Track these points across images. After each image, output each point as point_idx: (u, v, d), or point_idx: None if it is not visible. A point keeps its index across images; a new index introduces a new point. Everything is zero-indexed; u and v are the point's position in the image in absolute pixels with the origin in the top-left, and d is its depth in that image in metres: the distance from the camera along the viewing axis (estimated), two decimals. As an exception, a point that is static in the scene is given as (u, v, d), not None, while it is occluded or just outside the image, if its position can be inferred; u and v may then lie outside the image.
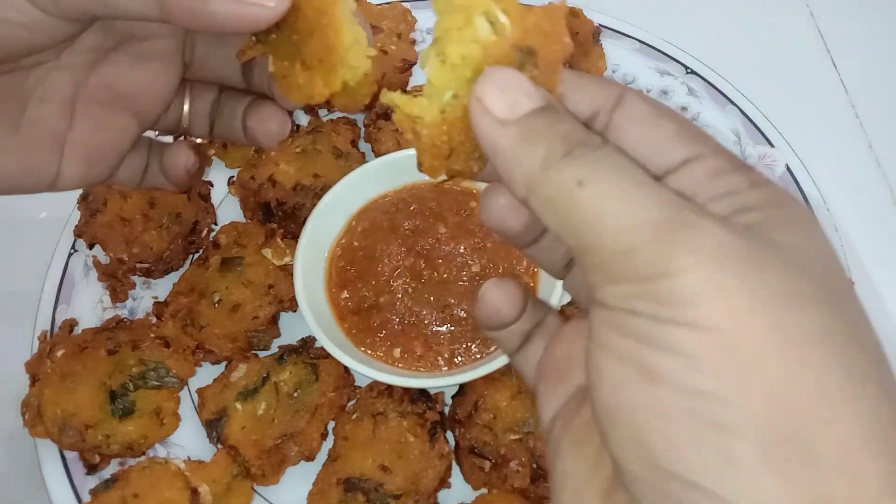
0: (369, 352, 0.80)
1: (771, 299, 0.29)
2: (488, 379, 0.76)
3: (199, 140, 0.60)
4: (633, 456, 0.30)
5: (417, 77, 1.02)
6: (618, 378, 0.31)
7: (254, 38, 0.45)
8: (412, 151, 0.90)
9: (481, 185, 0.89)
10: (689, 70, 1.01)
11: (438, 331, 0.80)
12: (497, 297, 0.42)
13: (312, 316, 0.78)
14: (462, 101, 0.35)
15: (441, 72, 0.36)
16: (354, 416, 0.77)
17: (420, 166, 0.38)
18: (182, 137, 0.61)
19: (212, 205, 0.95)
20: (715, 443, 0.28)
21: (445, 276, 0.83)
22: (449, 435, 0.78)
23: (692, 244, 0.29)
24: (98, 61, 0.53)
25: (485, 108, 0.34)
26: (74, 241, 0.90)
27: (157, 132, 0.61)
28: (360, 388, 0.82)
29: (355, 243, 0.86)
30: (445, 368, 0.79)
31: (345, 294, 0.83)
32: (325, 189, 0.87)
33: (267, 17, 0.42)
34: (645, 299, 0.29)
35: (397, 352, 0.79)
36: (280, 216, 0.90)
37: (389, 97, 0.37)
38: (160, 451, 0.80)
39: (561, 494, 0.36)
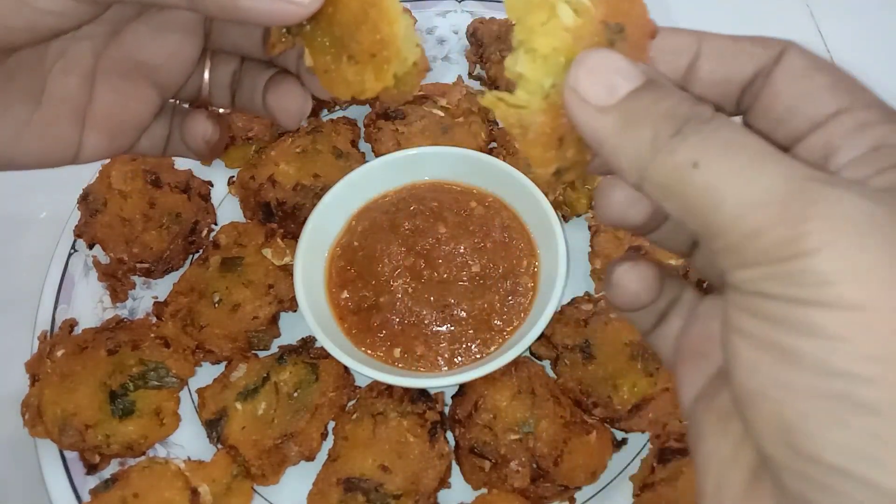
0: (369, 352, 0.80)
1: None
2: (488, 379, 0.76)
3: (220, 110, 0.59)
4: (776, 441, 0.29)
5: (417, 77, 1.02)
6: (755, 362, 0.30)
7: (284, 30, 0.44)
8: (412, 151, 0.91)
9: (482, 186, 0.89)
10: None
11: (438, 331, 0.80)
12: (634, 282, 0.40)
13: (312, 316, 0.78)
14: (563, 88, 0.34)
15: (535, 66, 0.34)
16: (354, 416, 0.77)
17: (530, 162, 0.36)
18: (203, 107, 0.59)
19: (212, 205, 0.95)
20: (863, 426, 0.27)
21: (445, 276, 0.83)
22: (449, 435, 0.78)
23: (823, 219, 0.27)
24: (118, 31, 0.52)
25: (581, 98, 0.33)
26: (74, 241, 0.90)
27: (178, 101, 0.60)
28: (360, 388, 0.82)
29: (355, 243, 0.86)
30: (445, 368, 0.79)
31: (345, 294, 0.83)
32: (325, 189, 0.87)
33: (300, 14, 0.41)
34: (778, 281, 0.28)
35: (397, 352, 0.79)
36: (280, 216, 0.90)
37: (489, 98, 0.35)
38: (160, 451, 0.80)
39: (705, 478, 0.34)
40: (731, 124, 0.31)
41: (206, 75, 0.58)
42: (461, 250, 0.84)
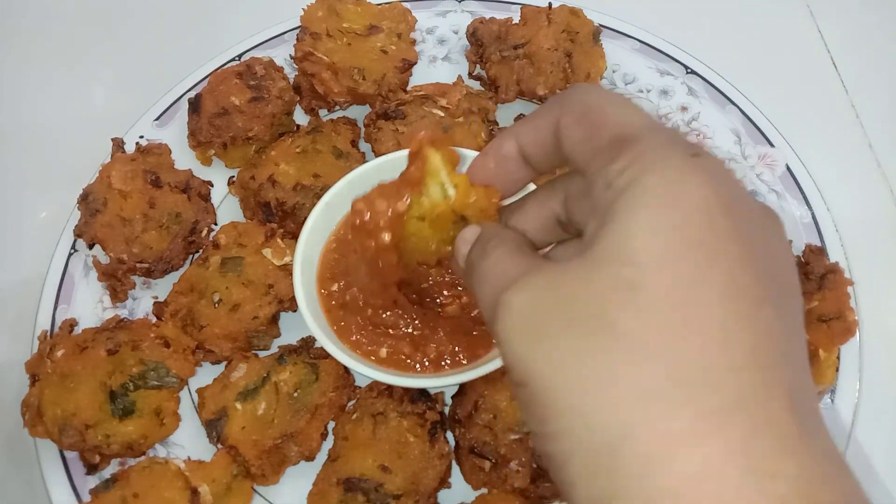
0: (358, 351, 0.79)
1: (549, 342, 0.35)
2: (488, 379, 0.76)
3: None
4: None
5: (417, 77, 1.02)
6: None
7: None
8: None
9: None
10: (689, 70, 1.01)
11: (425, 332, 0.80)
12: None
13: (312, 316, 0.78)
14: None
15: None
16: (354, 416, 0.77)
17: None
18: None
19: (212, 205, 0.95)
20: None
21: (439, 278, 0.82)
22: (449, 435, 0.78)
23: (501, 315, 0.38)
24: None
25: (459, 269, 0.49)
26: (74, 241, 0.90)
27: None
28: (360, 388, 0.82)
29: (350, 237, 0.86)
30: (434, 369, 0.78)
31: (334, 287, 0.83)
32: (325, 189, 0.87)
33: None
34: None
35: (384, 351, 0.79)
36: (280, 216, 0.90)
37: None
38: (160, 451, 0.80)
39: None
40: (493, 252, 0.44)
41: None
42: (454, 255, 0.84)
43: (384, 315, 0.80)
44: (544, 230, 0.50)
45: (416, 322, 0.79)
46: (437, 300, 0.82)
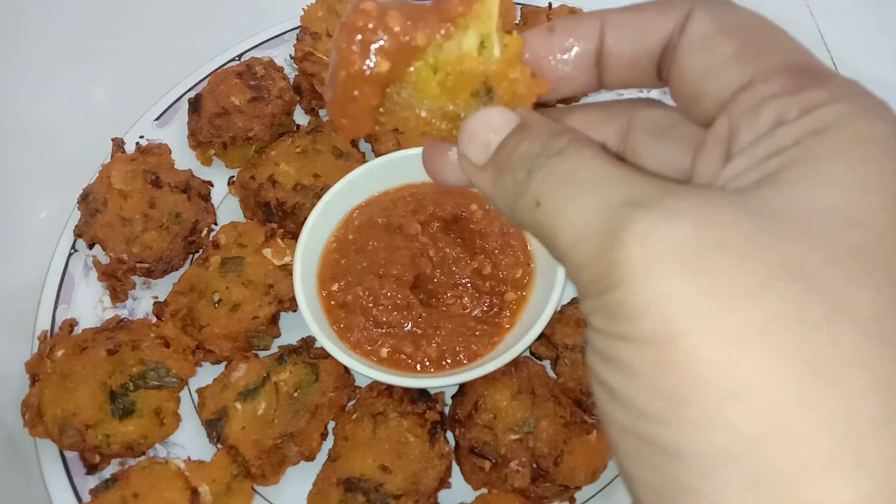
0: (357, 351, 0.79)
1: (719, 294, 0.25)
2: (488, 379, 0.76)
3: None
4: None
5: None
6: (596, 395, 0.29)
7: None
8: (412, 151, 0.91)
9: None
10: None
11: (424, 332, 0.80)
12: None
13: (312, 316, 0.78)
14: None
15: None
16: (354, 416, 0.77)
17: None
18: None
19: (212, 205, 0.95)
20: (666, 470, 0.26)
21: (436, 279, 0.83)
22: (449, 435, 0.78)
23: (636, 248, 0.26)
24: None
25: (468, 161, 0.35)
26: (74, 241, 0.90)
27: None
28: (360, 388, 0.82)
29: (350, 237, 0.86)
30: (434, 369, 0.78)
31: (334, 287, 0.83)
32: (324, 189, 0.87)
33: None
34: (599, 314, 0.28)
35: (384, 351, 0.79)
36: (280, 216, 0.90)
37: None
38: (160, 451, 0.80)
39: None
40: (576, 153, 0.30)
41: None
42: (457, 252, 0.84)
43: (392, 312, 0.80)
44: None
45: (420, 320, 0.80)
46: (440, 299, 0.82)
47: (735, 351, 0.24)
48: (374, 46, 0.34)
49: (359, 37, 0.33)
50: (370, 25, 0.34)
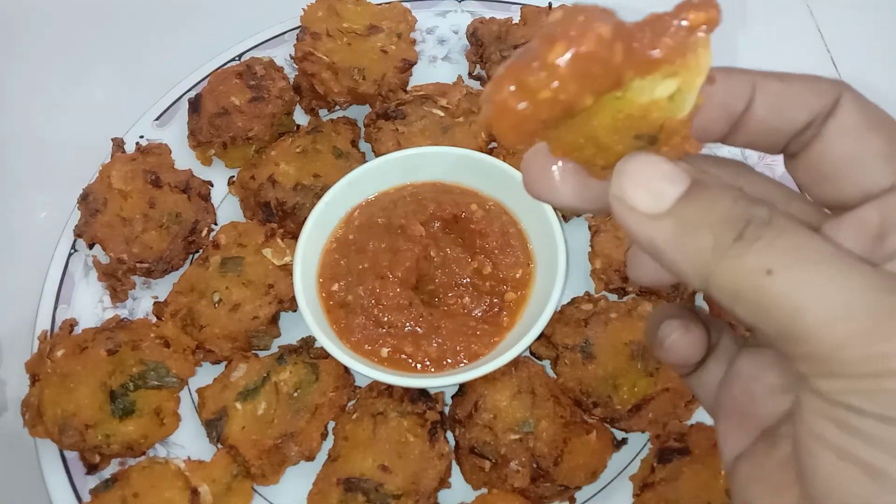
0: (357, 352, 0.79)
1: None
2: (488, 379, 0.76)
3: None
4: None
5: (417, 77, 1.02)
6: (839, 473, 0.29)
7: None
8: (412, 151, 0.91)
9: (483, 188, 0.88)
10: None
11: (424, 332, 0.80)
12: (686, 348, 0.40)
13: (312, 316, 0.78)
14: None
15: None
16: (354, 416, 0.77)
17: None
18: None
19: (212, 205, 0.95)
20: None
21: (437, 279, 0.83)
22: (449, 435, 0.78)
23: None
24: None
25: (629, 207, 0.32)
26: (74, 241, 0.90)
27: None
28: (360, 388, 0.82)
29: (350, 237, 0.86)
30: (435, 369, 0.78)
31: (334, 287, 0.83)
32: (324, 189, 0.87)
33: None
34: (867, 397, 0.27)
35: (384, 351, 0.79)
36: (280, 216, 0.90)
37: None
38: (160, 451, 0.80)
39: None
40: (795, 227, 0.30)
41: None
42: (458, 252, 0.84)
43: (393, 312, 0.80)
44: None
45: (421, 320, 0.80)
46: (441, 299, 0.82)
47: None
48: (589, 80, 0.30)
49: (586, 67, 0.29)
50: (600, 56, 0.29)
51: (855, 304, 0.28)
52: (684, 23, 0.30)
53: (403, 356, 0.79)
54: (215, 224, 0.94)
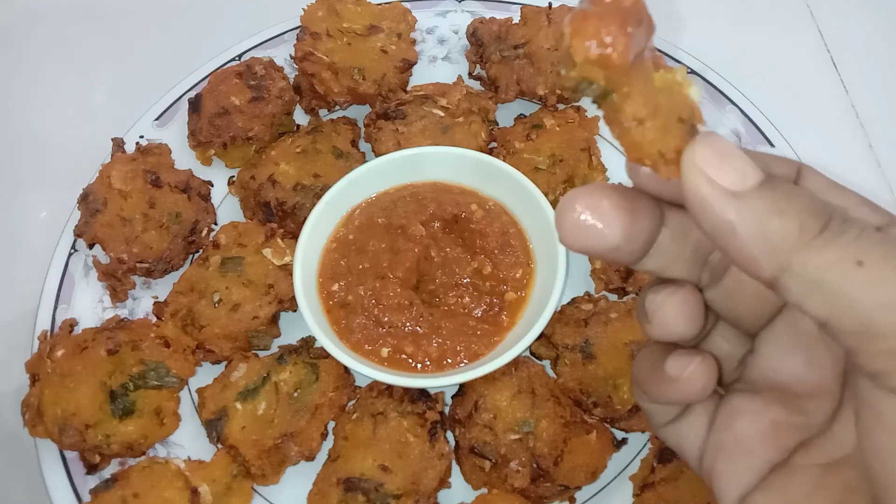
0: (358, 351, 0.79)
1: None
2: (488, 379, 0.76)
3: None
4: None
5: (417, 77, 1.02)
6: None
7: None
8: (412, 151, 0.91)
9: (483, 188, 0.88)
10: (689, 70, 1.01)
11: (423, 332, 0.80)
12: (676, 312, 0.37)
13: (312, 316, 0.78)
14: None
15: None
16: (354, 416, 0.77)
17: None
18: None
19: (212, 205, 0.95)
20: None
21: (437, 280, 0.83)
22: (449, 435, 0.78)
23: None
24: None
25: (710, 179, 0.30)
26: (74, 241, 0.90)
27: None
28: (360, 388, 0.82)
29: (350, 237, 0.86)
30: (435, 369, 0.78)
31: (335, 287, 0.83)
32: (324, 189, 0.87)
33: None
34: None
35: (385, 351, 0.79)
36: (280, 216, 0.90)
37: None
38: (160, 451, 0.80)
39: None
40: (874, 230, 0.30)
41: None
42: (458, 252, 0.84)
43: (394, 312, 0.80)
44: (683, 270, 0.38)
45: (421, 320, 0.80)
46: (441, 299, 0.82)
47: None
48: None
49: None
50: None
51: None
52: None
53: (404, 356, 0.79)
54: (215, 224, 0.94)
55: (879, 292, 0.28)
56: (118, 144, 0.96)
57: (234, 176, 0.97)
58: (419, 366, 0.79)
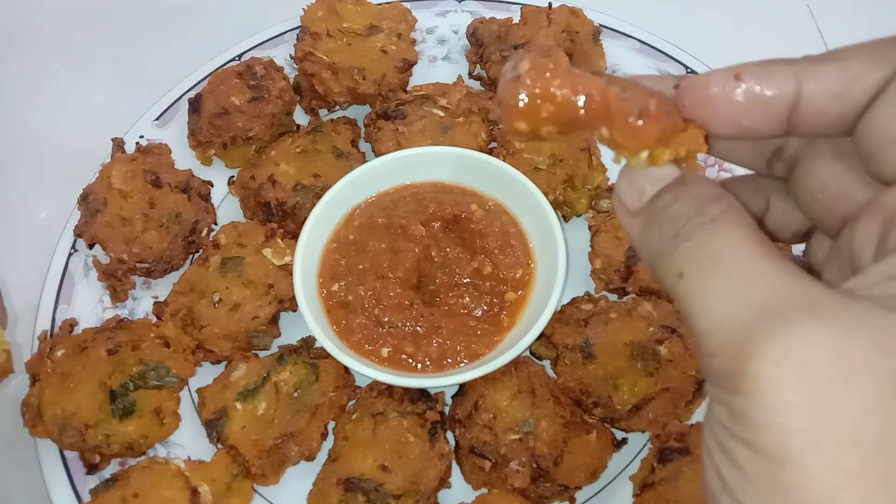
0: (358, 351, 0.79)
1: (841, 436, 0.25)
2: (488, 379, 0.76)
3: None
4: None
5: (417, 77, 1.02)
6: (706, 472, 0.30)
7: None
8: (412, 151, 0.92)
9: (483, 188, 0.88)
10: (689, 70, 1.01)
11: (422, 332, 0.80)
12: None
13: (312, 316, 0.78)
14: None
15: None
16: (354, 416, 0.77)
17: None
18: None
19: (212, 205, 0.95)
20: None
21: (437, 280, 0.83)
22: (449, 435, 0.78)
23: (767, 368, 0.26)
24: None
25: (620, 203, 0.36)
26: (74, 241, 0.90)
27: None
28: (360, 388, 0.82)
29: (350, 237, 0.86)
30: (435, 369, 0.78)
31: (335, 287, 0.83)
32: (324, 189, 0.87)
33: None
34: (723, 407, 0.28)
35: (385, 351, 0.79)
36: (280, 216, 0.90)
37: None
38: (160, 451, 0.80)
39: None
40: (727, 231, 0.30)
41: None
42: (458, 252, 0.84)
43: (394, 312, 0.80)
44: None
45: (422, 319, 0.80)
46: (442, 299, 0.82)
47: (850, 498, 0.25)
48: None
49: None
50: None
51: (730, 319, 0.28)
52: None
53: (404, 356, 0.79)
54: (215, 224, 0.94)
55: (688, 306, 0.30)
56: (118, 144, 0.96)
57: (234, 176, 0.97)
58: (419, 366, 0.79)
